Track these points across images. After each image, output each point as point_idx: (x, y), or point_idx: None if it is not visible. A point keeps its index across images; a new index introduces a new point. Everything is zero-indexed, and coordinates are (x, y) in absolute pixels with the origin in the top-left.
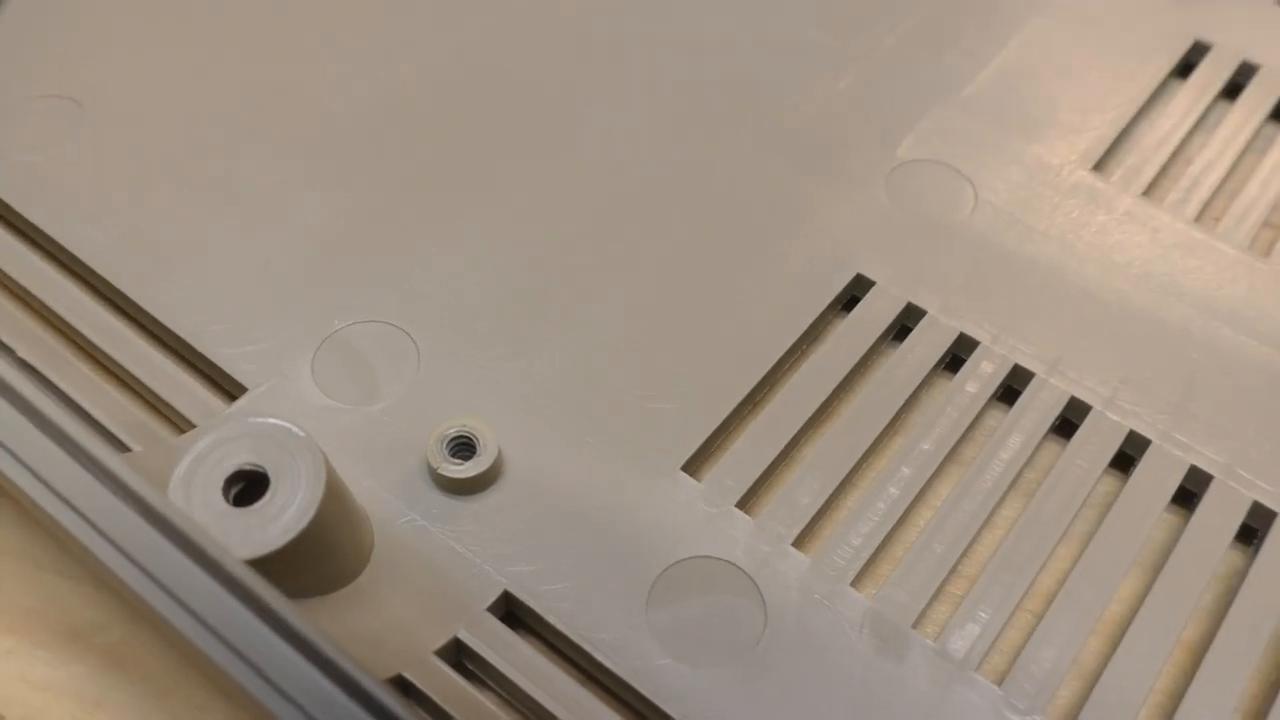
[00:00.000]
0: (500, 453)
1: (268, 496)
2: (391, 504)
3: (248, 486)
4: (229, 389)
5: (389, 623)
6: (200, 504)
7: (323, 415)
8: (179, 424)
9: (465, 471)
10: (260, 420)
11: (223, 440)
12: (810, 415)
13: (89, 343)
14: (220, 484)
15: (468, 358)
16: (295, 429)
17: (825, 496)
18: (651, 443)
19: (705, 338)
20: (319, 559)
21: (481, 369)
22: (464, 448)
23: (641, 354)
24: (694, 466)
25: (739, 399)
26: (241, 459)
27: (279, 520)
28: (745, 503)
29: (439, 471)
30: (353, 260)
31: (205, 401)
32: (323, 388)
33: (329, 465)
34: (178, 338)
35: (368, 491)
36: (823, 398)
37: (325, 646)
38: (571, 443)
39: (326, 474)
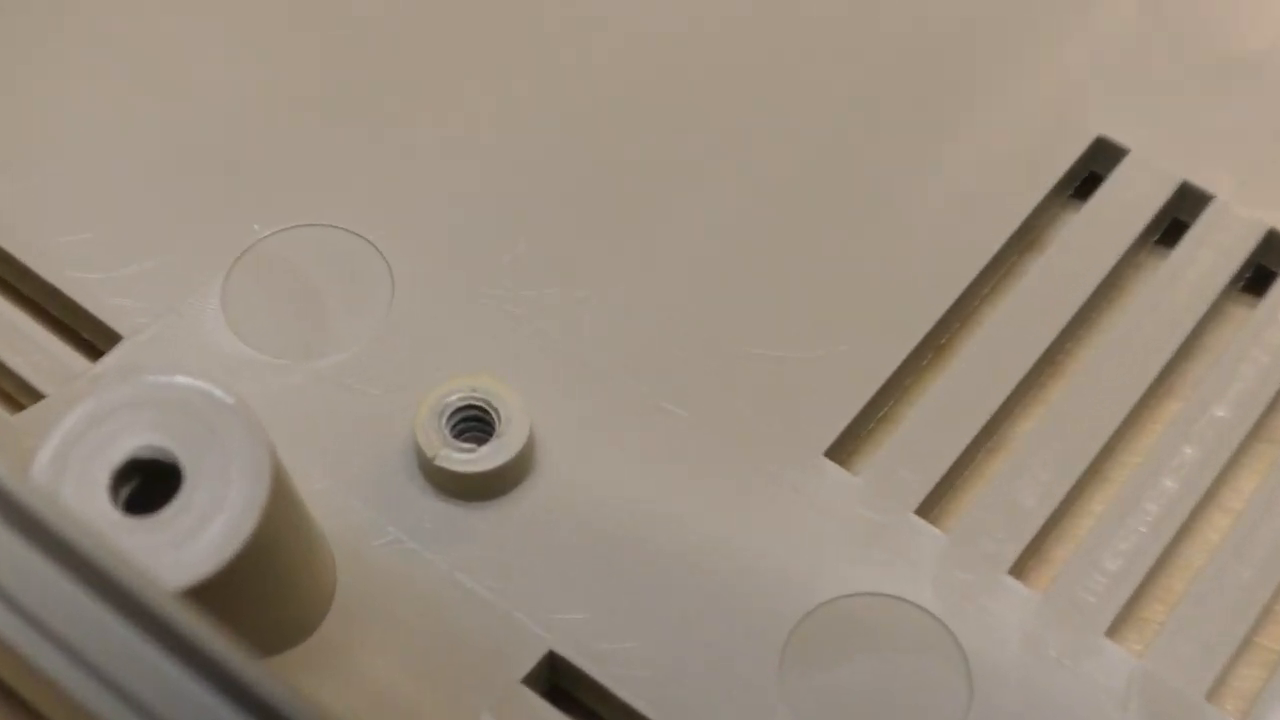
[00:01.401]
0: (532, 431)
1: (180, 499)
2: (361, 515)
3: (145, 484)
4: (92, 338)
5: (367, 701)
6: (76, 510)
7: (242, 375)
8: (16, 395)
9: (479, 462)
10: (163, 379)
11: (106, 411)
12: (1027, 370)
13: None
14: (106, 480)
15: (472, 286)
16: (219, 391)
17: (1059, 497)
18: (774, 415)
19: (852, 253)
20: (258, 599)
21: (495, 303)
22: (475, 424)
23: (749, 281)
24: (844, 452)
25: (910, 347)
26: (138, 440)
27: (200, 537)
28: (930, 507)
29: (437, 463)
30: (285, 140)
31: (57, 358)
32: (241, 332)
33: (274, 450)
34: (9, 258)
35: (320, 496)
36: (1046, 342)
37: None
38: (643, 414)
39: (272, 463)
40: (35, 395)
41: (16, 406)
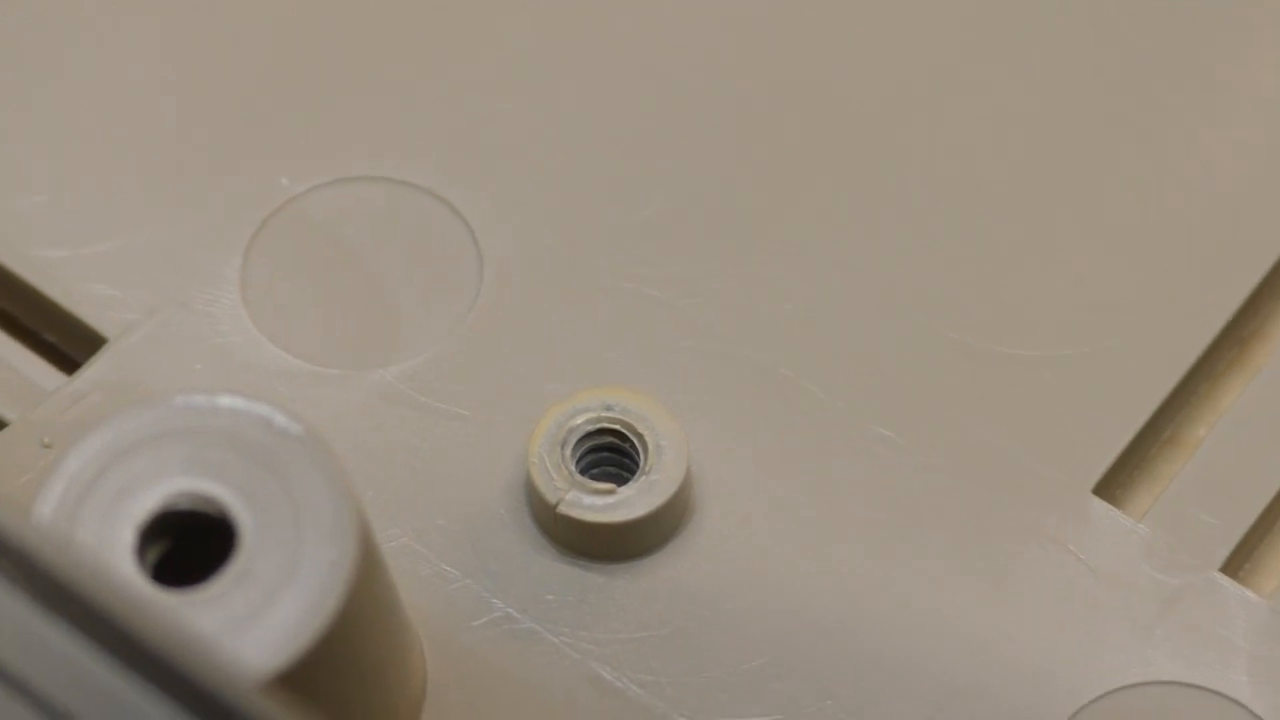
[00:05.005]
0: (690, 465)
1: (237, 566)
2: (456, 585)
3: (180, 546)
4: (61, 341)
5: None
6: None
7: (276, 392)
8: None
9: (621, 509)
10: (201, 399)
11: (125, 446)
12: None
13: None
14: (130, 540)
15: (591, 259)
16: (281, 416)
17: None
18: (1022, 439)
19: (1121, 214)
20: (333, 704)
21: (625, 283)
22: (612, 455)
23: (984, 256)
24: (1120, 488)
25: (1205, 341)
26: (172, 486)
27: (266, 618)
28: (1240, 562)
29: (562, 511)
30: (328, 62)
31: (15, 369)
32: (270, 330)
33: (358, 499)
34: None
35: (398, 559)
36: None
37: None
38: (843, 442)
39: (358, 517)
40: None
41: None
